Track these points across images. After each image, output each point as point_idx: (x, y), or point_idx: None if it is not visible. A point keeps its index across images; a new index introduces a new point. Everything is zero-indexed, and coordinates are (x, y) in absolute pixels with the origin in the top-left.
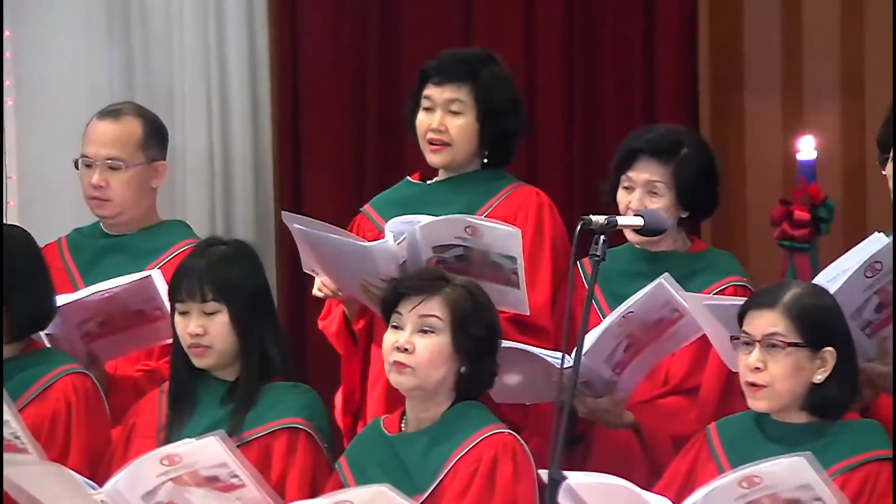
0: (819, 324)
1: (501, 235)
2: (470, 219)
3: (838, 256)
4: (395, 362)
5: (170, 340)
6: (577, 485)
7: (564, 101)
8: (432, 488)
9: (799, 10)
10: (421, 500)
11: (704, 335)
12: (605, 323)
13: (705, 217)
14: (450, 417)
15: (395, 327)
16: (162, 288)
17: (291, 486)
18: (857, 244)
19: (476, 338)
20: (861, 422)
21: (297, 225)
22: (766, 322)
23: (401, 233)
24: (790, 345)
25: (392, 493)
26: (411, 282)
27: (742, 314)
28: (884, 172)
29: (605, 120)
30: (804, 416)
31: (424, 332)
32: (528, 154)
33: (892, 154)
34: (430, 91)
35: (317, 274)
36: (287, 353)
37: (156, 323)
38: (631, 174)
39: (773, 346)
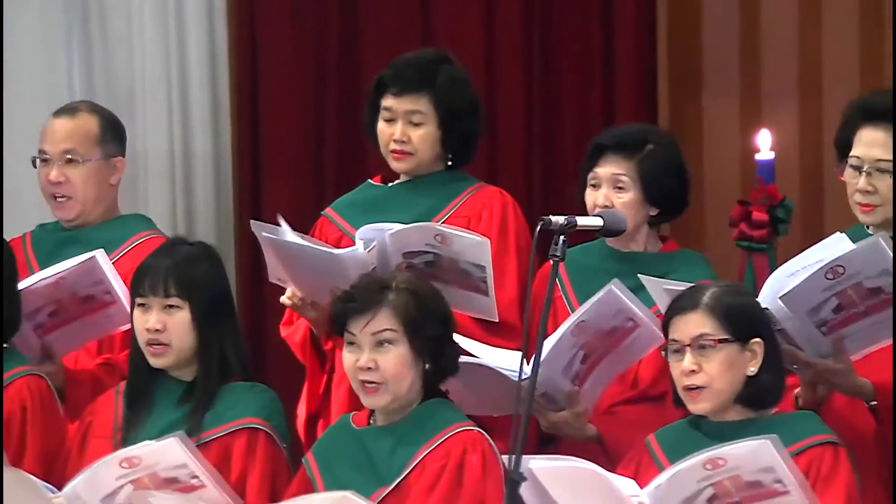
0: (743, 317)
1: (470, 245)
2: (440, 227)
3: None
4: (363, 384)
5: (124, 327)
6: (538, 470)
7: (524, 102)
8: (398, 482)
9: (757, 11)
10: (385, 494)
11: None
12: (558, 333)
13: (675, 216)
14: (419, 414)
15: (352, 345)
16: (108, 268)
17: (251, 487)
18: (815, 244)
19: (432, 336)
20: (794, 413)
21: (266, 234)
22: (692, 325)
23: (371, 240)
24: (720, 342)
25: (355, 497)
26: (355, 300)
27: (666, 323)
28: (842, 178)
29: (563, 121)
30: (739, 411)
31: (382, 346)
32: (488, 155)
33: (893, 166)
34: (389, 102)
35: (284, 283)
36: (245, 356)
37: (107, 309)
38: (597, 170)
39: (704, 346)
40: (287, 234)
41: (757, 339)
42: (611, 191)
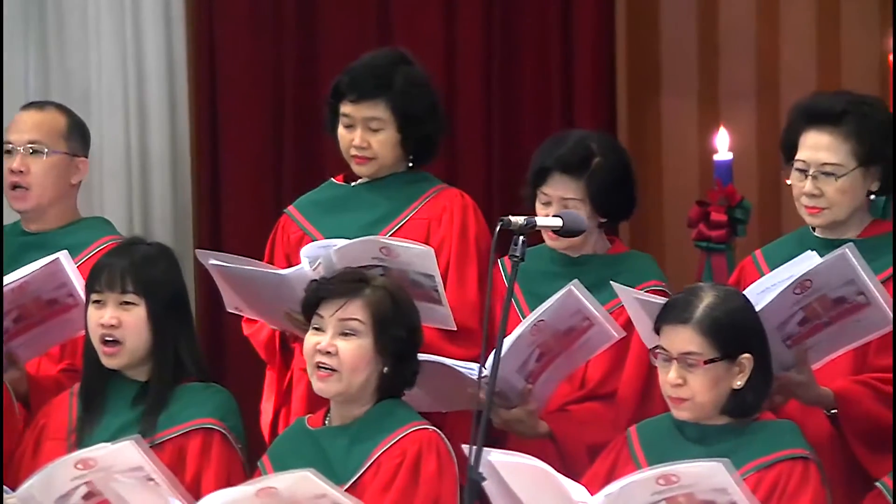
0: (733, 334)
1: (416, 255)
2: (384, 240)
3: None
4: (318, 366)
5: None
6: (498, 462)
7: (483, 103)
8: (353, 480)
9: (715, 12)
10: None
11: (620, 341)
12: (517, 332)
13: (624, 219)
14: (375, 413)
15: (317, 329)
16: (72, 270)
17: (206, 487)
18: (772, 242)
19: (397, 339)
20: (776, 422)
21: (213, 261)
22: (681, 340)
23: (316, 257)
24: (707, 361)
25: (315, 478)
26: (332, 284)
27: (657, 327)
28: (788, 182)
29: (523, 122)
30: (723, 417)
31: (346, 335)
32: (448, 154)
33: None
34: (347, 109)
35: (242, 312)
36: (200, 357)
37: (70, 312)
38: (546, 190)
39: (691, 364)
40: (232, 259)
41: (746, 355)
42: (562, 210)
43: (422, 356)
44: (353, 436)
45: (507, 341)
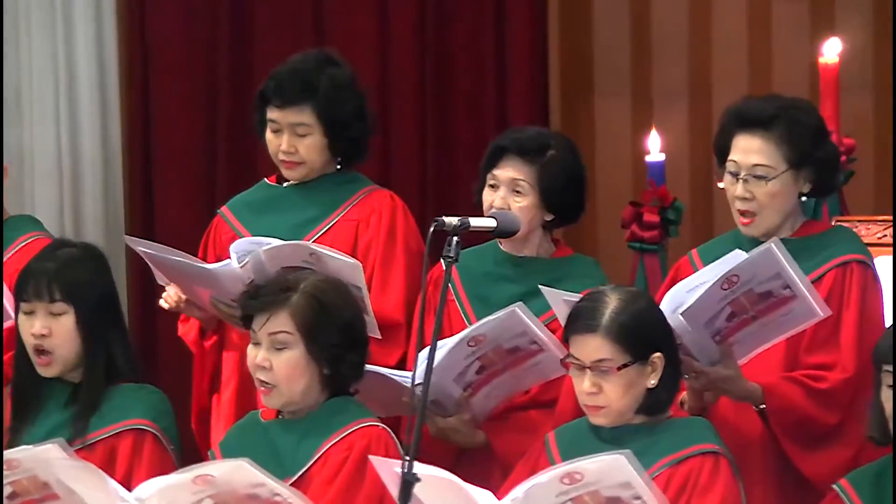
0: (642, 336)
1: (342, 267)
2: (313, 246)
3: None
4: (259, 381)
5: (7, 323)
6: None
7: (418, 104)
8: (301, 473)
9: (647, 13)
10: (289, 484)
11: None
12: (453, 341)
13: (570, 222)
14: (326, 409)
15: (255, 343)
16: None
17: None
18: (704, 243)
19: (330, 342)
20: (688, 419)
21: (142, 248)
22: (591, 349)
23: (245, 253)
24: (620, 367)
25: (251, 467)
26: (257, 299)
27: (566, 337)
28: (720, 185)
29: (457, 122)
30: (638, 417)
31: (277, 349)
32: (382, 155)
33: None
34: (274, 115)
35: (168, 284)
36: (133, 358)
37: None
38: (496, 172)
39: (604, 371)
40: (161, 249)
41: (657, 354)
42: (509, 194)
43: None
44: (304, 430)
45: (443, 348)
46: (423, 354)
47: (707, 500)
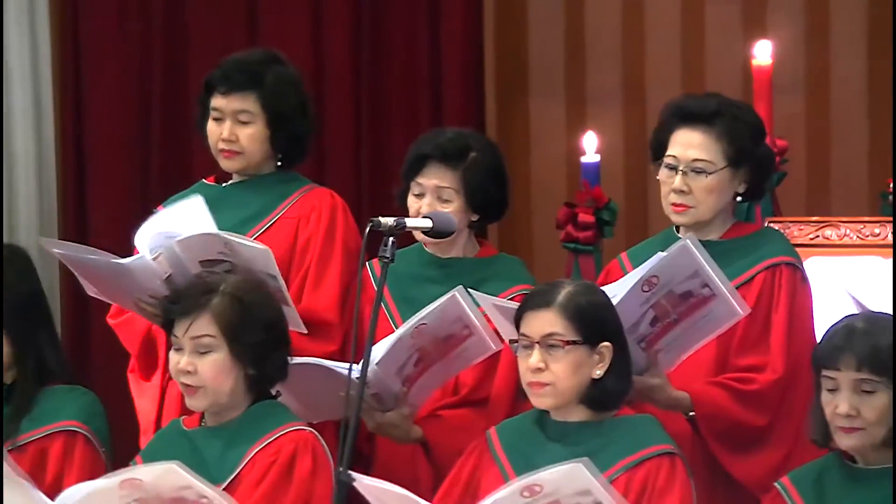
0: (594, 320)
1: (255, 255)
2: (224, 235)
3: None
4: (183, 385)
5: None
6: (361, 486)
7: (352, 104)
8: (230, 480)
9: (582, 15)
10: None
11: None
12: (398, 333)
13: (495, 220)
14: (251, 414)
15: (177, 349)
16: None
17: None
18: (636, 245)
19: (253, 342)
20: (637, 417)
21: (56, 249)
22: (543, 323)
23: (158, 247)
24: (569, 343)
25: (181, 470)
26: (178, 302)
27: (518, 317)
28: (658, 177)
29: (392, 122)
30: (582, 411)
31: (201, 353)
32: (317, 154)
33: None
34: (217, 102)
35: (100, 296)
36: (64, 358)
37: None
38: (420, 180)
39: (553, 346)
40: (75, 248)
41: (606, 344)
42: (435, 201)
43: (295, 359)
44: (229, 437)
45: (387, 342)
46: (377, 348)
47: (666, 502)
